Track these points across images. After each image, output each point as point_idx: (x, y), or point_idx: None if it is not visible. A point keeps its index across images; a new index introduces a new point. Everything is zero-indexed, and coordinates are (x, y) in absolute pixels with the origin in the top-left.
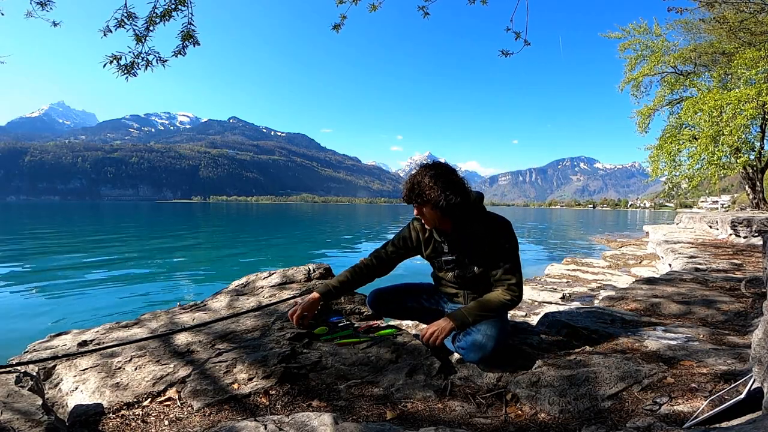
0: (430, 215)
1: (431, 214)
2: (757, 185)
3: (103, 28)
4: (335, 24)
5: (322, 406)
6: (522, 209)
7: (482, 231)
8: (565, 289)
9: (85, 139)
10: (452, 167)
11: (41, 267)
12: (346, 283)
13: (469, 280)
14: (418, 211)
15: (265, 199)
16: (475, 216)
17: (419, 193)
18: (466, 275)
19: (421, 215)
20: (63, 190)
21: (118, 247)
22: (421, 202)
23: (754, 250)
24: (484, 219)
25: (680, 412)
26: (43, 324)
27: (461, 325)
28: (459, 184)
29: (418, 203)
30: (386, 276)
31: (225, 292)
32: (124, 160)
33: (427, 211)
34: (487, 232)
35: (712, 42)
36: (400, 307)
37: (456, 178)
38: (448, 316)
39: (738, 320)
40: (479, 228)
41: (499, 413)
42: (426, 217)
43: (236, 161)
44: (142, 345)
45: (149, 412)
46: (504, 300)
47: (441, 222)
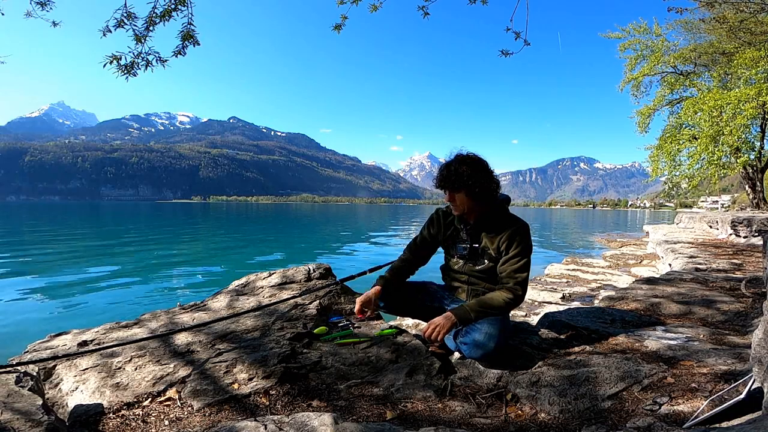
0: (461, 200)
1: (463, 199)
2: (757, 185)
3: (103, 28)
4: (336, 24)
5: (322, 406)
6: (522, 209)
7: (501, 228)
8: (565, 289)
9: (85, 139)
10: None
11: (41, 267)
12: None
13: (477, 273)
14: (450, 196)
15: (265, 199)
16: (499, 213)
17: (456, 178)
18: (475, 267)
19: (451, 200)
20: (63, 190)
21: (118, 247)
22: (457, 187)
23: (754, 250)
24: (506, 218)
25: (680, 412)
26: (43, 324)
27: (463, 321)
28: (493, 175)
29: (454, 188)
30: None
31: (225, 292)
32: (124, 160)
33: (459, 197)
34: (506, 230)
35: (712, 42)
36: (404, 304)
37: (490, 169)
38: (450, 311)
39: (738, 320)
40: (500, 224)
41: (499, 413)
42: (456, 202)
43: (236, 161)
44: (142, 345)
45: (149, 412)
46: (506, 298)
47: (469, 210)
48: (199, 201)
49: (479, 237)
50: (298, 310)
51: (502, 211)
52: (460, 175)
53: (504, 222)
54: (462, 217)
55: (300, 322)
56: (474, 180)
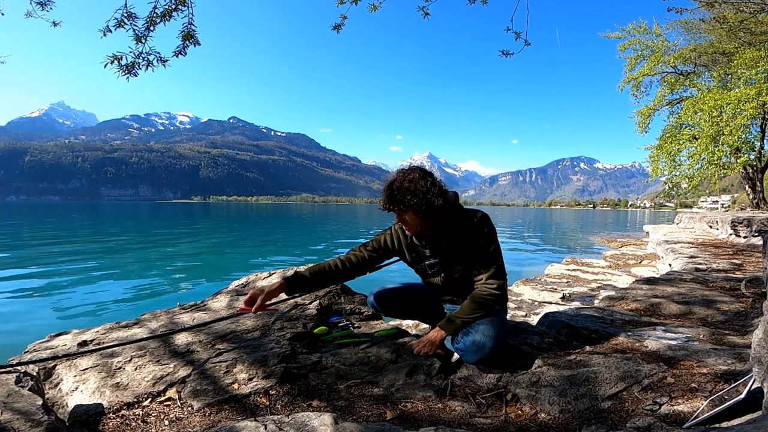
0: (412, 221)
1: (413, 219)
2: (757, 185)
3: (103, 28)
4: (336, 24)
5: (322, 406)
6: (522, 209)
7: (460, 230)
8: (565, 289)
9: (85, 139)
10: (428, 170)
11: (41, 267)
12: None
13: (456, 281)
14: (399, 218)
15: (265, 199)
16: (453, 216)
17: (400, 199)
18: (453, 276)
19: (402, 222)
20: (63, 190)
21: (118, 247)
22: (402, 208)
23: (754, 250)
24: (462, 217)
25: (680, 412)
26: (43, 324)
27: (453, 332)
28: (438, 186)
29: (400, 210)
30: (386, 276)
31: (225, 292)
32: (124, 160)
33: (409, 218)
34: (464, 230)
35: (712, 42)
36: (403, 307)
37: (434, 180)
38: (438, 325)
39: (738, 320)
40: (457, 227)
41: (499, 413)
42: (408, 223)
43: (236, 161)
44: (142, 345)
45: (149, 412)
46: (485, 296)
47: (423, 227)
48: (199, 201)
49: (442, 248)
50: (298, 310)
51: (457, 213)
52: (404, 194)
53: (460, 223)
54: (418, 234)
55: (300, 322)
56: (419, 198)
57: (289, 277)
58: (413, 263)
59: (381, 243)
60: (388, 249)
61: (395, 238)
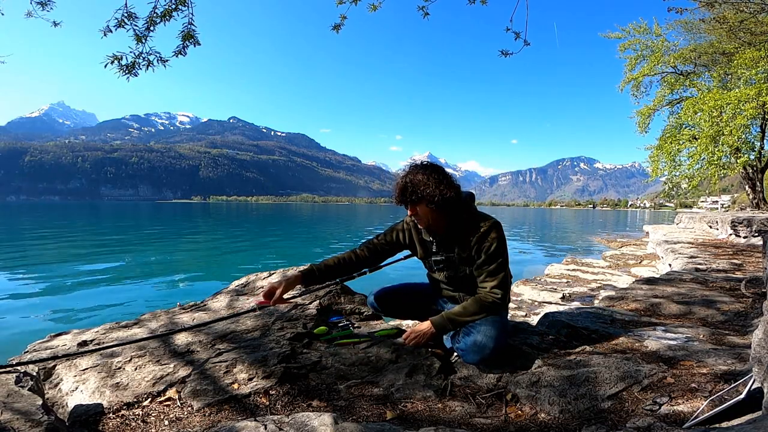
0: (424, 213)
1: (425, 211)
2: (757, 185)
3: (104, 28)
4: (335, 24)
5: (322, 406)
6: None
7: (471, 232)
8: (565, 289)
9: (85, 139)
10: (438, 165)
11: (42, 267)
12: (333, 268)
13: (462, 279)
14: (412, 211)
15: (265, 199)
16: (466, 215)
17: (413, 191)
18: (458, 275)
19: (414, 215)
20: (63, 190)
21: (118, 247)
22: (415, 200)
23: (754, 250)
24: (474, 220)
25: (680, 412)
26: (43, 324)
27: (442, 331)
28: (450, 179)
29: (412, 201)
30: (384, 276)
31: (225, 292)
32: (124, 160)
33: (421, 210)
34: (475, 234)
35: (712, 42)
36: (403, 307)
37: (445, 173)
38: (430, 320)
39: (738, 320)
40: (468, 229)
41: (499, 413)
42: (419, 215)
43: (236, 161)
44: (142, 345)
45: (149, 412)
46: (485, 303)
47: (435, 220)
48: (199, 201)
49: (451, 246)
50: (298, 310)
51: (470, 214)
52: (417, 185)
53: (472, 225)
54: (430, 229)
55: (300, 322)
56: (432, 189)
57: (306, 270)
58: (422, 257)
59: (393, 236)
60: (400, 242)
61: (407, 232)
